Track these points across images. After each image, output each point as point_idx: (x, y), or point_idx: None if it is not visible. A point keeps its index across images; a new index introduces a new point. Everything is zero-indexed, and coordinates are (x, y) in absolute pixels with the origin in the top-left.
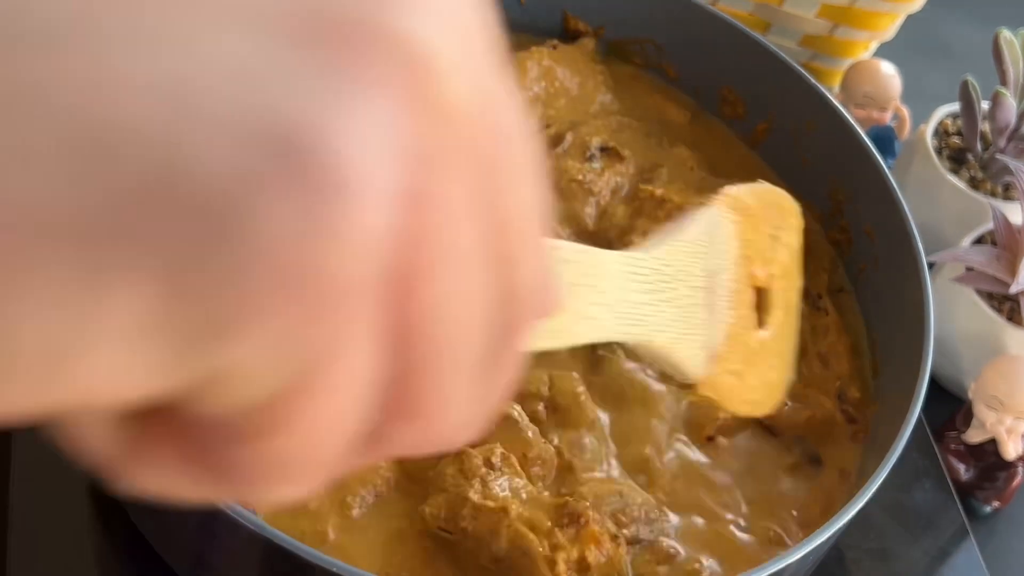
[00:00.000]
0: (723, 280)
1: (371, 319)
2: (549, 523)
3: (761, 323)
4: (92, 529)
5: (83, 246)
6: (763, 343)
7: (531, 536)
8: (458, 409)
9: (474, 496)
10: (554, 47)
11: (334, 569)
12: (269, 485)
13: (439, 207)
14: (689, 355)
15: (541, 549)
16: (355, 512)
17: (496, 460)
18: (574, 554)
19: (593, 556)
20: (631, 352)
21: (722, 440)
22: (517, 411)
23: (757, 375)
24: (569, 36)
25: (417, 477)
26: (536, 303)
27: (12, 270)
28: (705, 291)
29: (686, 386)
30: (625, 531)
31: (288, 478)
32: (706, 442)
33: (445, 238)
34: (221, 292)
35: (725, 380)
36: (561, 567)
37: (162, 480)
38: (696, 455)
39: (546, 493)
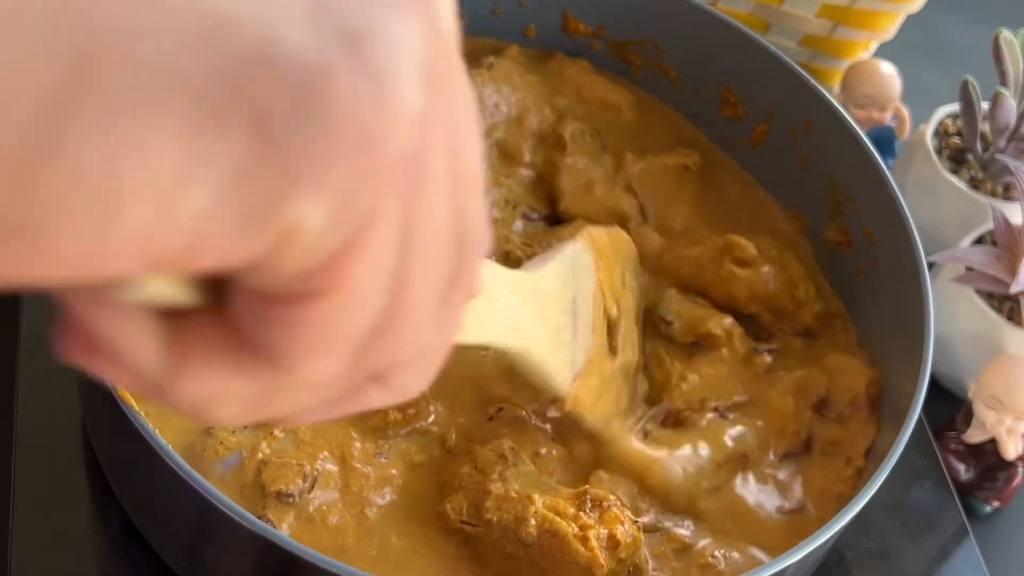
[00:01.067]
0: (586, 309)
1: (399, 198)
2: (573, 509)
3: (613, 351)
4: (93, 528)
5: (197, 101)
6: (614, 371)
7: (559, 519)
8: (425, 330)
9: (496, 488)
10: (489, 66)
11: (332, 569)
12: (307, 358)
13: (433, 122)
14: (559, 371)
15: (571, 529)
16: (371, 520)
17: (507, 453)
18: (603, 531)
19: (621, 533)
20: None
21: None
22: (525, 412)
23: (608, 399)
24: (569, 36)
25: (430, 482)
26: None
27: (141, 116)
28: (572, 315)
29: (554, 400)
30: (643, 519)
31: (323, 350)
32: None
33: (436, 155)
34: (304, 145)
35: (586, 398)
36: (593, 543)
37: (208, 379)
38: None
39: (564, 489)
